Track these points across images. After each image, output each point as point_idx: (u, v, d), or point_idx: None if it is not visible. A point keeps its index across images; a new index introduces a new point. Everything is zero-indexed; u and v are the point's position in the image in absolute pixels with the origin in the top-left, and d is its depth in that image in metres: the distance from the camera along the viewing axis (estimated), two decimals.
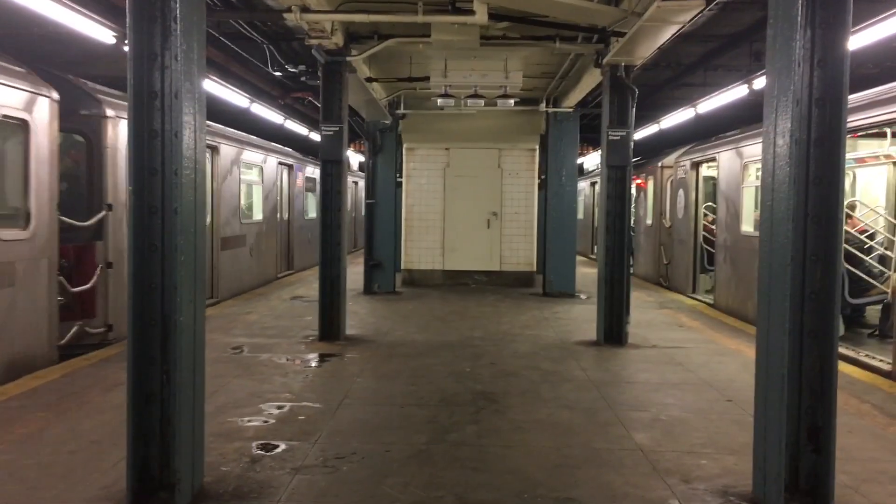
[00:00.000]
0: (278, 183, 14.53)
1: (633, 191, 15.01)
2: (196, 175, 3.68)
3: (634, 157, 8.96)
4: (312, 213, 16.74)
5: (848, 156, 7.14)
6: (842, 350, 6.89)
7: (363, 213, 19.41)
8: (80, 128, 7.52)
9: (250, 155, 12.70)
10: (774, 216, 3.60)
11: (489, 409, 5.49)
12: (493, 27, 7.83)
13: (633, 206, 14.32)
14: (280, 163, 14.65)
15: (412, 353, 7.46)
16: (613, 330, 8.03)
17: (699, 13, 6.29)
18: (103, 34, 7.22)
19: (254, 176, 13.11)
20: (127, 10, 3.53)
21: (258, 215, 13.40)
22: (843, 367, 6.43)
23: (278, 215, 14.57)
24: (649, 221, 15.05)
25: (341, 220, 8.25)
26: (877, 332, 8.11)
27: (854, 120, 6.97)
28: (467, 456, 4.46)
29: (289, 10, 6.82)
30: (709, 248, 11.96)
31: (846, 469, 4.17)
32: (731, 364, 7.09)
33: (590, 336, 8.35)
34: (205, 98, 3.81)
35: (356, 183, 22.78)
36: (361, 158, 18.17)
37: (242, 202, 12.38)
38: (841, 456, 3.79)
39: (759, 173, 3.89)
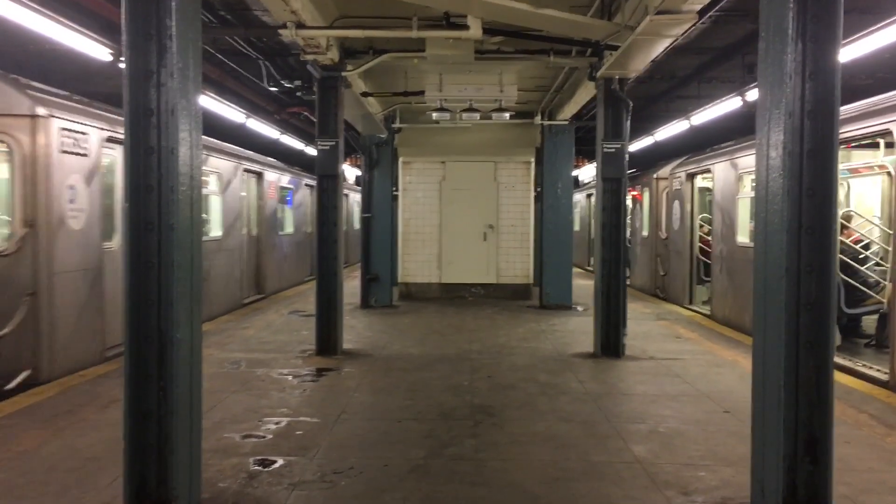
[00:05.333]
0: (243, 193, 12.41)
1: (629, 202, 15.05)
2: (192, 191, 3.69)
3: (630, 169, 9.00)
4: (289, 227, 15.56)
5: (841, 166, 7.18)
6: (838, 360, 6.89)
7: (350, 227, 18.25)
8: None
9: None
10: (769, 227, 3.61)
11: (487, 422, 5.48)
12: (487, 41, 7.88)
13: (628, 217, 14.36)
14: (246, 170, 12.53)
15: (410, 367, 7.45)
16: (610, 342, 8.03)
17: (692, 26, 6.34)
18: (99, 52, 7.25)
19: (210, 184, 10.94)
20: (122, 28, 3.55)
21: (216, 231, 11.16)
22: (839, 377, 6.44)
23: (244, 231, 12.50)
24: (645, 233, 15.08)
25: (338, 235, 8.26)
26: (873, 342, 8.12)
27: (847, 131, 7.02)
28: (466, 470, 4.45)
29: (284, 26, 6.86)
30: (705, 259, 11.98)
31: (845, 480, 4.16)
32: (728, 375, 7.09)
33: (587, 348, 8.35)
34: (201, 114, 3.82)
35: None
36: (358, 172, 18.12)
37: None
38: (839, 467, 3.80)
39: (754, 184, 3.90)
